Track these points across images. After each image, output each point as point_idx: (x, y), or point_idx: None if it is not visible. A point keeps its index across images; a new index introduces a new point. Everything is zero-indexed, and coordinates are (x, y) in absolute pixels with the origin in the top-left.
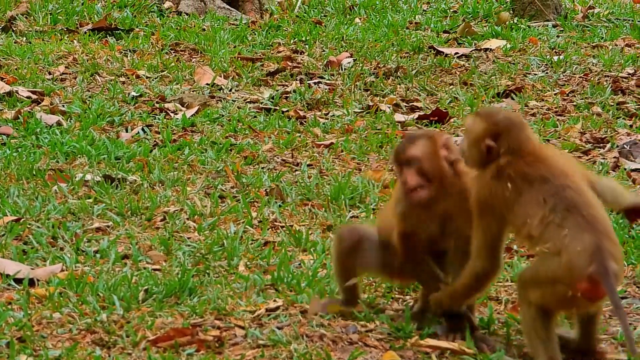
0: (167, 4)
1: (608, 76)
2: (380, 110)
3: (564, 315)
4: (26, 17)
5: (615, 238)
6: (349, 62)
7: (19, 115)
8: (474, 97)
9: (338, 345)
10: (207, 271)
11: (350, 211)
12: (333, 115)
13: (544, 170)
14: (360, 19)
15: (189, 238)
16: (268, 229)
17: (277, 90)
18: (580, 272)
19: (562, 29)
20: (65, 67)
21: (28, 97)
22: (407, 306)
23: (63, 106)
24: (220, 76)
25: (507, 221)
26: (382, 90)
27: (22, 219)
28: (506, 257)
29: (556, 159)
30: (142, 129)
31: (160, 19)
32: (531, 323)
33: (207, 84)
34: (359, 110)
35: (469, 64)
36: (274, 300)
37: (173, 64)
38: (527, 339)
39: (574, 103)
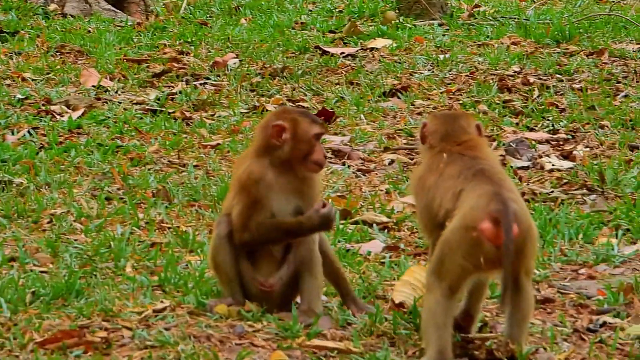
0: (52, 7)
1: (494, 74)
2: (267, 110)
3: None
4: None
5: (520, 200)
6: (234, 63)
7: None
8: (360, 97)
9: (225, 345)
10: (94, 273)
11: None
12: (219, 116)
13: (470, 154)
14: (246, 19)
15: (75, 240)
16: (155, 230)
17: (163, 92)
18: (482, 211)
19: (448, 27)
20: None
21: None
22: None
23: None
24: (106, 78)
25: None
26: (269, 91)
27: None
28: (393, 256)
29: (487, 149)
30: (28, 132)
31: (45, 22)
32: (433, 307)
33: (93, 86)
34: (246, 111)
35: (355, 63)
36: (161, 301)
37: (59, 67)
38: (424, 327)
39: (460, 101)
